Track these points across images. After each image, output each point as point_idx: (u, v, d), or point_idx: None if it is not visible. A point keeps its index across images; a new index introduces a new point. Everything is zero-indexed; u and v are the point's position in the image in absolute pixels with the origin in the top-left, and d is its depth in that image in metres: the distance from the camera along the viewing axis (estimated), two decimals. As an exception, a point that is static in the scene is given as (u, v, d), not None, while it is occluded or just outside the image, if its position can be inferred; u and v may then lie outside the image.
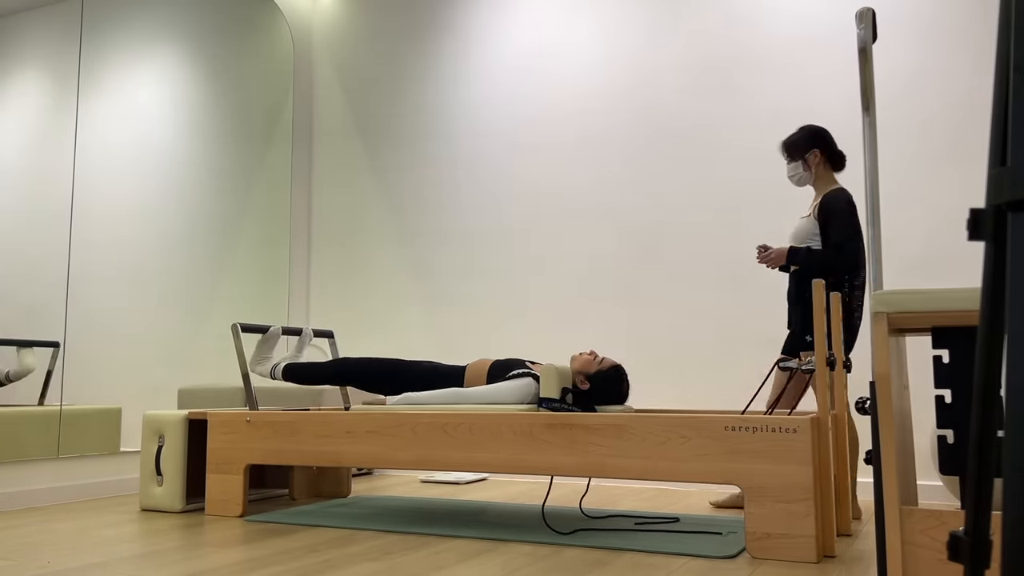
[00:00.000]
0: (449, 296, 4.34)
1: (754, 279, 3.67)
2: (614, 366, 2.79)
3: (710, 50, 3.86)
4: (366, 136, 4.68)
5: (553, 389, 2.61)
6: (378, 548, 2.33)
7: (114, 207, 3.68)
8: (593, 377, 2.75)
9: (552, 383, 2.61)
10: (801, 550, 2.13)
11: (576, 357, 2.81)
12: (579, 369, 2.77)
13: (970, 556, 0.78)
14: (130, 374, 3.68)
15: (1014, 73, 0.74)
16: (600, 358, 2.79)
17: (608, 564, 2.11)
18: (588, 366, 2.76)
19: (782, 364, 2.49)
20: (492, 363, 2.96)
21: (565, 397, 2.62)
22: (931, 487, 3.24)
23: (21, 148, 3.33)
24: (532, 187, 4.19)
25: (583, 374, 2.75)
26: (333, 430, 2.77)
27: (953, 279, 3.32)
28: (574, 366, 2.78)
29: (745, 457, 2.21)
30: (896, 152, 3.47)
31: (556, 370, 2.63)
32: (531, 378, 2.80)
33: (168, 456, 3.03)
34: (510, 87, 4.30)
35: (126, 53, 3.79)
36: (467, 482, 3.92)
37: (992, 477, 0.78)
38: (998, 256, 0.76)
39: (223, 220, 4.25)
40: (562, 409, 2.53)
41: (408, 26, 4.62)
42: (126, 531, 2.62)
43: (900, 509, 1.63)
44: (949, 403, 1.65)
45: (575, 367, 2.78)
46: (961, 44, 3.41)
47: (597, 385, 2.75)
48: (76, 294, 3.45)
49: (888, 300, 1.67)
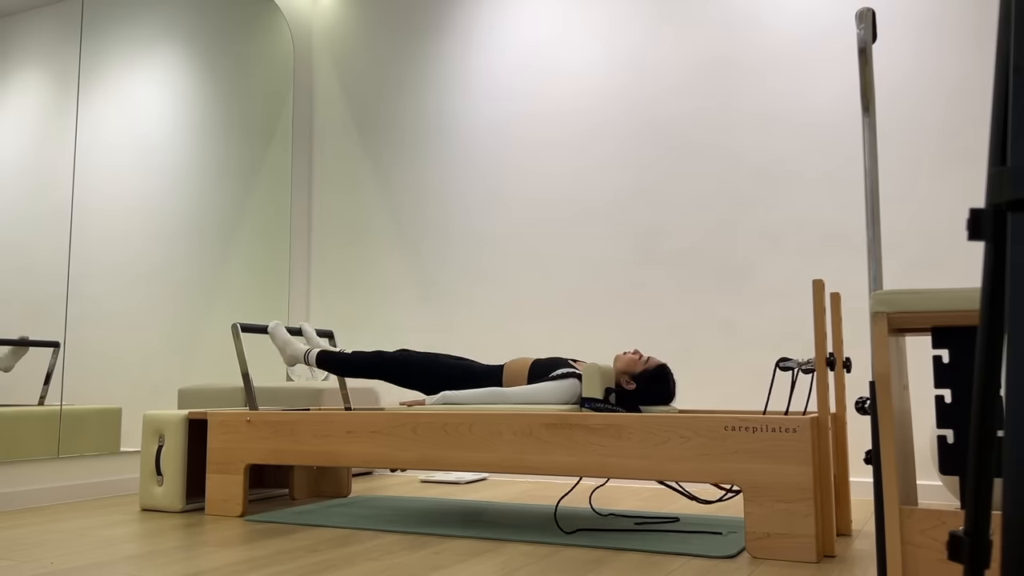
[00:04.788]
0: (450, 296, 4.34)
1: (755, 279, 3.67)
2: (660, 365, 2.69)
3: (710, 49, 3.86)
4: (366, 136, 4.68)
5: (596, 389, 2.53)
6: (378, 548, 2.33)
7: (114, 207, 3.68)
8: (639, 377, 2.66)
9: (595, 383, 2.54)
10: (801, 550, 2.13)
11: (620, 357, 2.71)
12: (624, 369, 2.68)
13: (970, 556, 0.78)
14: (130, 374, 3.68)
15: (1014, 73, 0.74)
16: (646, 357, 2.70)
17: (608, 564, 2.11)
18: (633, 365, 2.67)
19: (782, 364, 2.49)
20: (533, 362, 2.85)
21: (608, 397, 2.56)
22: (931, 487, 3.24)
23: (21, 148, 3.33)
24: (532, 186, 4.19)
25: (628, 374, 2.66)
26: (333, 430, 2.77)
27: (953, 279, 3.32)
28: (618, 366, 2.69)
29: (745, 457, 2.21)
30: (896, 152, 3.47)
31: (599, 369, 2.56)
32: (575, 378, 2.70)
33: (168, 456, 3.03)
34: (511, 86, 4.30)
35: (126, 53, 3.79)
36: (467, 482, 3.92)
37: (992, 477, 0.78)
38: (998, 256, 0.76)
39: (223, 220, 4.25)
40: (606, 409, 2.48)
41: (408, 26, 4.62)
42: (126, 531, 2.62)
43: (900, 509, 1.63)
44: (949, 403, 1.65)
45: (619, 367, 2.69)
46: (961, 44, 3.41)
47: (644, 385, 2.66)
48: (76, 294, 3.45)
49: (888, 300, 1.67)
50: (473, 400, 2.73)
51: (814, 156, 3.61)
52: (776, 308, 3.62)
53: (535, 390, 2.67)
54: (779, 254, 3.63)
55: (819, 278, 3.45)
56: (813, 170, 3.61)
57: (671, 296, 3.82)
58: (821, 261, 3.56)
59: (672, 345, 3.79)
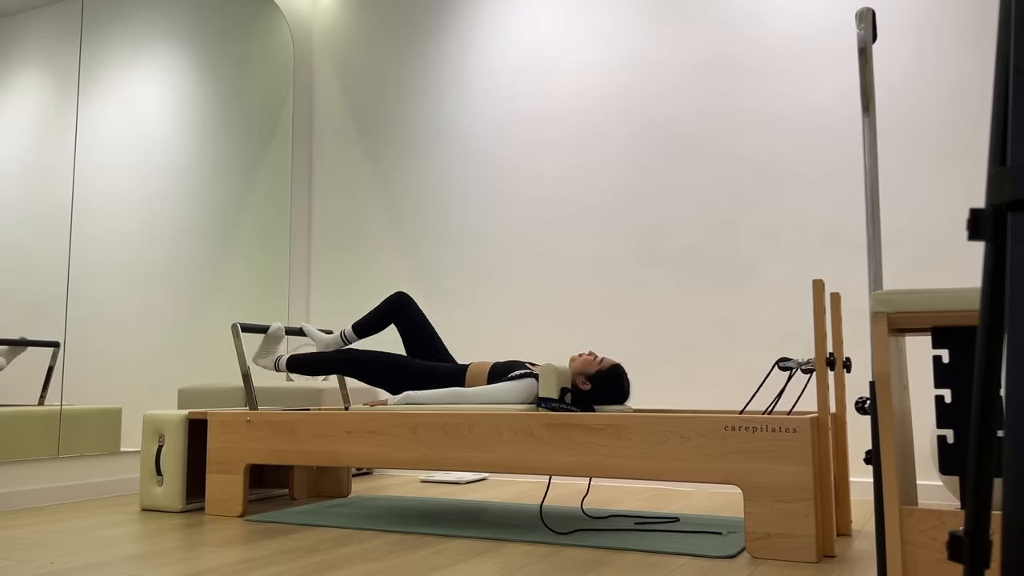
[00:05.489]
0: (450, 295, 4.34)
1: (755, 279, 3.67)
2: (614, 365, 2.77)
3: (711, 49, 3.86)
4: (366, 136, 4.68)
5: (552, 389, 2.60)
6: (378, 548, 2.33)
7: (114, 207, 3.68)
8: (594, 377, 2.74)
9: (551, 383, 2.61)
10: (801, 550, 2.13)
11: (575, 358, 2.80)
12: (579, 370, 2.75)
13: (970, 556, 0.78)
14: (130, 374, 3.68)
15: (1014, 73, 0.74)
16: (600, 358, 2.78)
17: (608, 564, 2.11)
18: (588, 366, 2.75)
19: (782, 363, 2.49)
20: (493, 364, 2.96)
21: (564, 397, 2.62)
22: (931, 487, 3.24)
23: (21, 148, 3.33)
24: (532, 186, 4.19)
25: (584, 374, 2.74)
26: (333, 430, 2.77)
27: (953, 279, 3.32)
28: (573, 367, 2.77)
29: (745, 457, 2.21)
30: (896, 152, 3.47)
31: (555, 370, 2.62)
32: (532, 378, 2.79)
33: (168, 456, 3.03)
34: (511, 87, 4.30)
35: (126, 53, 3.79)
36: (467, 482, 3.92)
37: (992, 477, 0.78)
38: (998, 256, 0.76)
39: (223, 220, 4.25)
40: (561, 409, 2.53)
41: (408, 26, 4.62)
42: (126, 531, 2.62)
43: (900, 509, 1.63)
44: (949, 403, 1.65)
45: (575, 368, 2.77)
46: (960, 44, 3.41)
47: (598, 385, 2.74)
48: (76, 294, 3.45)
49: (888, 300, 1.67)
50: (434, 400, 2.79)
51: (814, 156, 3.61)
52: (776, 308, 3.62)
53: (493, 390, 2.76)
54: (779, 254, 3.63)
55: (819, 278, 3.45)
56: (813, 170, 3.61)
57: (671, 296, 3.82)
58: (821, 261, 3.56)
59: (672, 345, 3.79)
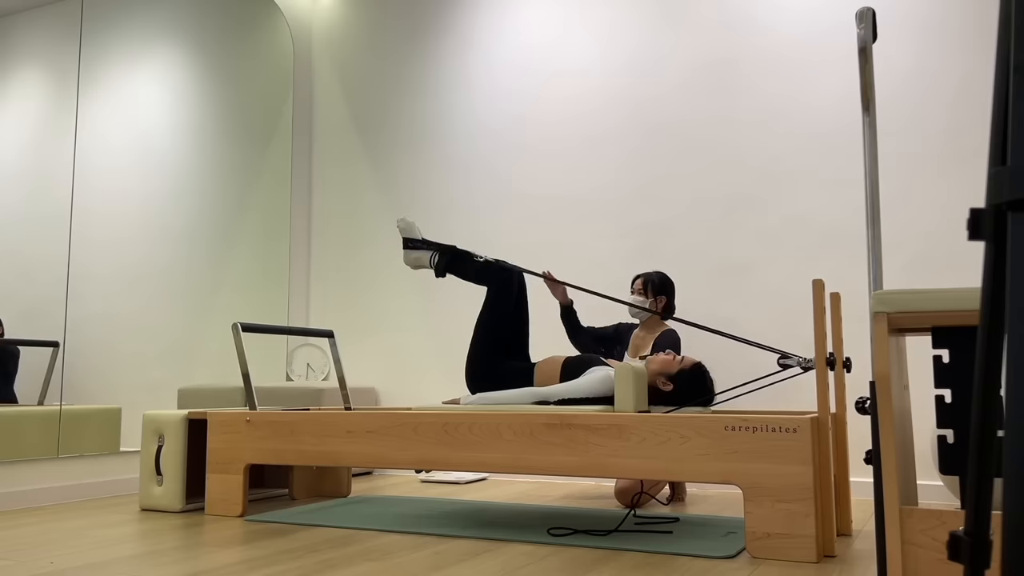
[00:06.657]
0: (450, 295, 4.34)
1: (755, 279, 3.67)
2: (696, 364, 2.61)
3: (710, 49, 3.86)
4: (366, 136, 4.68)
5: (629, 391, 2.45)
6: (378, 548, 2.33)
7: (114, 207, 3.68)
8: (676, 377, 2.59)
9: (628, 384, 2.46)
10: (801, 550, 2.13)
11: (653, 358, 2.62)
12: (659, 370, 2.60)
13: (970, 556, 0.78)
14: (130, 374, 3.68)
15: (1014, 73, 0.74)
16: (680, 357, 2.62)
17: (608, 564, 2.11)
18: (668, 366, 2.60)
19: (783, 361, 2.49)
20: (565, 360, 2.77)
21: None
22: (931, 487, 3.24)
23: (21, 148, 3.33)
24: (532, 186, 4.19)
25: (664, 375, 2.60)
26: (333, 430, 2.77)
27: (953, 279, 3.32)
28: (652, 367, 2.61)
29: (745, 457, 2.21)
30: (896, 152, 3.47)
31: (633, 370, 2.48)
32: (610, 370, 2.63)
33: (168, 456, 3.03)
34: (510, 87, 4.30)
35: (126, 53, 3.79)
36: (467, 482, 3.92)
37: (992, 477, 0.78)
38: (998, 256, 0.76)
39: (223, 219, 4.25)
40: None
41: (408, 26, 4.62)
42: (126, 531, 2.62)
43: (900, 509, 1.63)
44: (949, 403, 1.65)
45: (653, 368, 2.61)
46: (961, 44, 3.41)
47: (681, 386, 2.59)
48: (76, 294, 3.45)
49: (888, 300, 1.67)
50: (511, 400, 2.66)
51: (814, 156, 3.61)
52: (776, 308, 3.62)
53: (575, 386, 2.60)
54: (779, 254, 3.63)
55: (819, 278, 3.45)
56: (813, 170, 3.61)
57: (671, 296, 3.82)
58: (821, 261, 3.56)
59: (672, 345, 3.79)
